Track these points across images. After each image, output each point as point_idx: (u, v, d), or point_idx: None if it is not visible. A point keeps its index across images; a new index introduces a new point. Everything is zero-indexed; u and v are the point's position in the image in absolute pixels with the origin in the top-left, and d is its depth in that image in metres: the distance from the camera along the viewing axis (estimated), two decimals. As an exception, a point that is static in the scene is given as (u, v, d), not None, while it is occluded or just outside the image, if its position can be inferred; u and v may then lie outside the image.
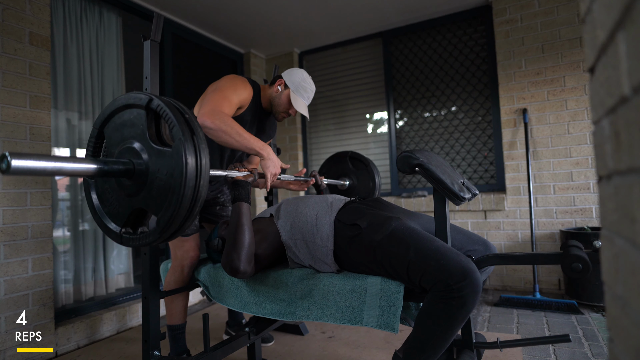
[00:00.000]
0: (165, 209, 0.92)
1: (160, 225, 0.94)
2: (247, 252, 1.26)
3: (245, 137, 1.40)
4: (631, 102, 0.33)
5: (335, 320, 1.24)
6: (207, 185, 0.96)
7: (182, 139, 0.90)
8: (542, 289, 2.74)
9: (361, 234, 1.24)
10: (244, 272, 1.25)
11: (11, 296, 1.83)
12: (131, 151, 0.97)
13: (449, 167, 1.35)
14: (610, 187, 0.42)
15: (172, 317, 1.72)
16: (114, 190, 1.03)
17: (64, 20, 2.28)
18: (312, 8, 3.00)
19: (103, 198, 1.06)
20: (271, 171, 1.46)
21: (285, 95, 1.68)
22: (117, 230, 1.03)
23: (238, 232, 1.28)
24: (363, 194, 2.25)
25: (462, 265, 1.06)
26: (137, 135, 0.97)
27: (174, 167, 0.91)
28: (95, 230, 2.42)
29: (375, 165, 2.27)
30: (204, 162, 0.94)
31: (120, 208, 1.02)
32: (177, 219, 0.93)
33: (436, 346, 1.10)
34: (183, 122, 0.94)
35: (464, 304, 1.04)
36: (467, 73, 3.20)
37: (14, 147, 1.87)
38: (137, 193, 0.98)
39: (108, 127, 1.05)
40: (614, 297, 0.43)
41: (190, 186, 0.91)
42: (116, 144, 1.02)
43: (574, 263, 1.08)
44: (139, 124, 0.97)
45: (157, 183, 0.94)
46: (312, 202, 1.41)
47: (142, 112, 0.97)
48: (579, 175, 2.67)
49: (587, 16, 0.47)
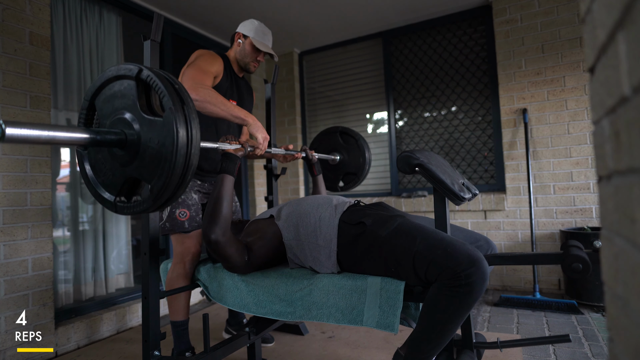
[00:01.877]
0: (158, 177, 0.94)
1: (154, 193, 0.96)
2: (223, 223, 1.28)
3: (229, 106, 1.47)
4: (631, 102, 0.33)
5: (335, 321, 1.24)
6: (197, 153, 0.98)
7: (173, 108, 0.92)
8: (542, 289, 2.74)
9: (366, 232, 1.24)
10: (217, 242, 1.26)
11: (11, 296, 1.83)
12: (123, 122, 0.99)
13: (449, 167, 1.35)
14: (610, 187, 0.42)
15: (174, 314, 1.73)
16: (107, 160, 1.04)
17: (64, 20, 2.28)
18: (312, 8, 3.00)
19: (97, 169, 1.08)
20: (262, 134, 1.51)
21: (248, 44, 1.79)
22: (111, 200, 1.05)
23: (217, 203, 1.30)
24: (353, 168, 2.28)
25: (469, 252, 1.06)
26: (128, 106, 0.99)
27: (166, 136, 0.93)
28: (95, 230, 2.42)
29: (365, 140, 2.29)
30: (194, 131, 0.96)
31: (114, 178, 1.04)
32: (170, 186, 0.95)
33: (442, 337, 1.09)
34: (173, 92, 0.96)
35: (472, 291, 1.03)
36: (467, 73, 3.20)
37: (14, 147, 1.87)
38: (130, 163, 0.99)
39: (99, 99, 1.06)
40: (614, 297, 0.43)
41: (181, 154, 0.93)
42: (107, 116, 1.03)
43: (574, 263, 1.08)
44: (130, 94, 0.99)
45: (149, 152, 0.96)
46: (316, 203, 1.41)
47: (132, 83, 0.99)
48: (579, 175, 2.67)
49: (587, 16, 0.47)
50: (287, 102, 3.85)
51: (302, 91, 3.93)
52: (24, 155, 1.90)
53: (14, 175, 1.86)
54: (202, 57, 1.65)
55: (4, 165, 1.83)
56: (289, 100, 3.84)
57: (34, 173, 1.93)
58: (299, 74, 3.90)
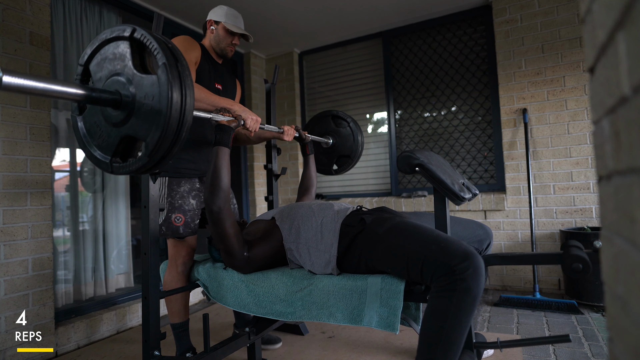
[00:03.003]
0: (154, 132, 0.95)
1: (149, 149, 0.96)
2: (223, 193, 1.31)
3: (213, 99, 1.49)
4: (631, 102, 0.33)
5: (335, 321, 1.24)
6: (192, 109, 0.99)
7: (167, 63, 0.93)
8: (542, 289, 2.74)
9: (365, 229, 1.25)
10: (219, 211, 1.29)
11: (11, 296, 1.83)
12: (117, 83, 1.00)
13: (449, 167, 1.36)
14: (610, 187, 0.42)
15: (173, 316, 1.73)
16: (101, 123, 1.05)
17: (64, 20, 2.28)
18: (312, 8, 3.00)
19: (91, 132, 1.08)
20: (251, 117, 1.52)
21: (221, 28, 1.80)
22: (107, 161, 1.06)
23: (216, 174, 1.32)
24: (347, 151, 2.31)
25: (463, 247, 1.05)
26: (122, 67, 1.00)
27: (160, 91, 0.94)
28: (95, 230, 2.42)
29: (357, 123, 2.32)
30: (188, 86, 0.97)
31: (109, 139, 1.04)
32: (165, 141, 0.96)
33: (448, 347, 1.02)
34: (167, 49, 0.97)
35: (468, 288, 1.00)
36: (467, 73, 3.20)
37: (14, 147, 1.87)
38: (124, 122, 1.00)
39: (93, 63, 1.06)
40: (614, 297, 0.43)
41: (176, 108, 0.94)
42: (102, 80, 1.05)
43: (575, 263, 1.08)
44: (124, 56, 0.99)
45: (144, 109, 0.97)
46: (318, 207, 1.41)
47: (126, 44, 1.00)
48: (579, 175, 2.67)
49: (587, 16, 0.47)
50: (287, 102, 3.85)
51: (302, 91, 3.93)
52: (24, 156, 1.90)
53: (14, 175, 1.86)
54: (178, 44, 1.64)
55: (4, 165, 1.83)
56: (289, 100, 3.84)
57: (34, 173, 1.93)
58: (299, 74, 3.90)
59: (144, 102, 0.96)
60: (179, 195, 1.67)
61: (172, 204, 1.66)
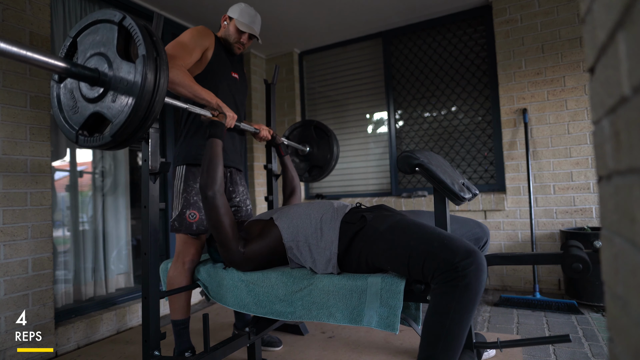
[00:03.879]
0: (121, 116, 1.01)
1: (113, 130, 1.03)
2: (217, 180, 1.37)
3: (195, 88, 1.53)
4: (631, 102, 0.33)
5: (335, 321, 1.23)
6: (162, 101, 1.06)
7: (145, 55, 0.99)
8: (542, 289, 2.74)
9: (365, 227, 1.25)
10: (213, 196, 1.35)
11: (11, 296, 1.83)
12: (98, 62, 1.06)
13: (449, 167, 1.36)
14: (610, 187, 0.42)
15: (174, 312, 1.74)
16: (77, 95, 1.12)
17: (64, 20, 2.28)
18: (312, 8, 3.00)
19: (66, 102, 1.15)
20: (228, 113, 1.57)
21: (232, 25, 1.82)
22: (73, 132, 1.12)
23: (212, 163, 1.40)
24: (321, 162, 2.38)
25: (466, 245, 1.05)
26: (107, 48, 1.06)
27: (134, 79, 1.00)
28: (95, 230, 2.42)
29: (336, 138, 2.40)
30: (162, 80, 1.03)
31: (81, 110, 1.11)
32: (130, 127, 1.03)
33: (449, 344, 1.02)
34: (150, 42, 1.03)
35: (469, 285, 1.00)
36: (467, 73, 3.20)
37: (14, 147, 1.87)
38: (97, 100, 1.06)
39: (82, 38, 1.12)
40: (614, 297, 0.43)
41: (146, 99, 1.00)
42: (85, 55, 1.11)
43: (575, 263, 1.08)
44: (111, 37, 1.06)
45: (117, 92, 1.03)
46: (317, 205, 1.42)
47: (115, 28, 1.06)
48: (579, 175, 2.67)
49: (587, 16, 0.47)
50: (287, 102, 3.85)
51: (302, 91, 3.93)
52: (24, 156, 1.90)
53: (14, 175, 1.86)
54: (188, 32, 1.69)
55: (4, 165, 1.83)
56: (289, 100, 3.84)
57: (34, 173, 1.93)
58: (299, 74, 3.90)
59: (118, 85, 1.02)
60: (195, 192, 1.68)
61: (187, 199, 1.66)
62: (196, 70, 1.71)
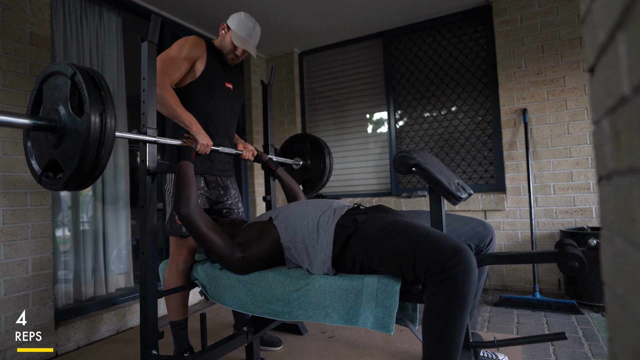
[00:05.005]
0: (70, 167, 1.10)
1: (64, 179, 1.11)
2: (190, 200, 1.37)
3: (177, 112, 1.57)
4: (631, 102, 0.33)
5: (331, 321, 1.23)
6: (108, 154, 1.12)
7: (89, 113, 1.06)
8: (542, 289, 2.74)
9: (357, 230, 1.25)
10: (187, 215, 1.34)
11: (11, 296, 1.83)
12: (55, 112, 1.14)
13: (444, 167, 1.36)
14: (610, 187, 0.42)
15: (172, 314, 1.74)
16: (42, 140, 1.20)
17: (64, 20, 2.28)
18: (312, 8, 3.00)
19: (34, 144, 1.23)
20: (202, 141, 1.59)
21: (229, 36, 1.80)
22: (38, 173, 1.20)
23: (183, 185, 1.41)
24: (314, 175, 2.37)
25: (453, 243, 1.05)
26: (63, 98, 1.13)
27: (81, 135, 1.07)
28: (95, 230, 2.42)
29: (330, 151, 2.40)
30: (107, 137, 1.10)
31: (43, 154, 1.19)
32: (78, 178, 1.11)
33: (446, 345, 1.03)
34: (95, 99, 1.08)
35: (457, 286, 1.00)
36: (467, 73, 3.20)
37: (14, 147, 1.87)
38: (57, 146, 1.14)
39: (46, 86, 1.19)
40: (614, 297, 0.43)
41: (91, 154, 1.07)
42: (48, 101, 1.18)
43: (571, 261, 1.08)
44: (65, 90, 1.13)
45: (69, 144, 1.11)
46: (315, 206, 1.41)
47: (69, 81, 1.12)
48: (579, 175, 2.67)
49: (587, 16, 0.47)
50: (287, 102, 3.85)
51: (302, 91, 3.93)
52: (24, 156, 1.90)
53: (14, 175, 1.86)
54: (178, 43, 1.69)
55: (4, 165, 1.83)
56: (289, 101, 3.84)
57: (33, 173, 1.93)
58: (299, 74, 3.90)
59: (70, 137, 1.10)
60: None
61: None
62: (188, 79, 1.72)
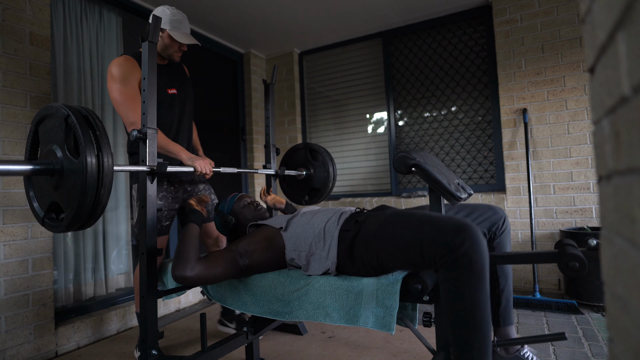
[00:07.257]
0: (71, 209, 1.09)
1: (66, 221, 1.11)
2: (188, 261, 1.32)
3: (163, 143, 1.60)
4: (631, 102, 0.33)
5: (331, 321, 1.23)
6: (107, 194, 1.11)
7: (85, 154, 1.05)
8: (542, 289, 2.74)
9: (360, 231, 1.25)
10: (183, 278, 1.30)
11: (11, 296, 1.83)
12: (53, 154, 1.13)
13: (444, 167, 1.36)
14: (610, 187, 0.42)
15: (138, 306, 1.77)
16: (43, 183, 1.19)
17: (64, 20, 2.28)
18: (312, 8, 3.00)
19: (36, 189, 1.23)
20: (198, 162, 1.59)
21: (166, 37, 1.77)
22: (41, 215, 1.20)
23: (183, 245, 1.36)
24: (318, 184, 2.38)
25: (455, 221, 1.03)
26: (59, 141, 1.13)
27: (79, 177, 1.06)
28: (95, 230, 2.42)
29: (331, 156, 2.40)
30: (105, 173, 1.08)
31: (45, 197, 1.19)
32: (79, 219, 1.10)
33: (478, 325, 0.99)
34: (90, 140, 1.08)
35: (470, 261, 0.97)
36: (467, 73, 3.20)
37: (14, 147, 1.87)
38: (57, 188, 1.14)
39: (41, 128, 1.19)
40: (614, 297, 0.43)
41: (90, 195, 1.06)
42: (45, 144, 1.18)
43: (571, 262, 1.08)
44: (60, 131, 1.13)
45: (68, 185, 1.10)
46: (324, 213, 1.42)
47: (63, 124, 1.11)
48: (579, 175, 2.67)
49: (587, 16, 0.47)
50: (287, 102, 3.85)
51: (302, 91, 3.93)
52: (24, 155, 1.90)
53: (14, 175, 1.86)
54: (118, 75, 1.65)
55: (4, 165, 1.83)
56: (289, 100, 3.84)
57: (33, 173, 1.93)
58: (299, 74, 3.90)
59: (69, 179, 1.09)
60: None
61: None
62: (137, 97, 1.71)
